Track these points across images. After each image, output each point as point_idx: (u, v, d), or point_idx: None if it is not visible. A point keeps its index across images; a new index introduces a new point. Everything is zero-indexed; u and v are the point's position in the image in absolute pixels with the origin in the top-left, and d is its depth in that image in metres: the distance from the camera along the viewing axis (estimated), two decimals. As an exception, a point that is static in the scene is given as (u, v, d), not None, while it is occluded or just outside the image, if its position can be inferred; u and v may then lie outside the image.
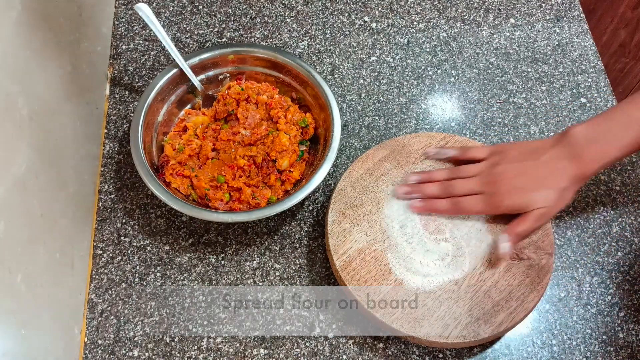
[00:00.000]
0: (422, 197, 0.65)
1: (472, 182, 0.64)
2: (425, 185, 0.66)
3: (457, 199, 0.64)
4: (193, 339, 0.64)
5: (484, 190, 0.63)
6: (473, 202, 0.63)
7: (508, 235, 0.61)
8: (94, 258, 0.68)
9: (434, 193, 0.65)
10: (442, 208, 0.64)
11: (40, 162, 0.57)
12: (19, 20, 0.55)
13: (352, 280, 0.61)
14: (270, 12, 0.87)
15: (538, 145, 0.63)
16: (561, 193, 0.60)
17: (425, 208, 0.65)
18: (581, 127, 0.60)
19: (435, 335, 0.59)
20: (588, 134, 0.60)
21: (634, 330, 0.65)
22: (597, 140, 0.59)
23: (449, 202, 0.64)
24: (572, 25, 0.87)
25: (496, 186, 0.62)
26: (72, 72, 0.68)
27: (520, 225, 0.61)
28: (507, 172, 0.62)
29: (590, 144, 0.59)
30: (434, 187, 0.66)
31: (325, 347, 0.63)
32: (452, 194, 0.64)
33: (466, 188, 0.64)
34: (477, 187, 0.63)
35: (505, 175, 0.62)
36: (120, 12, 0.86)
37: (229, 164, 0.68)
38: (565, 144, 0.60)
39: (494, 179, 0.62)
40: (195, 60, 0.74)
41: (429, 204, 0.65)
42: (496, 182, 0.62)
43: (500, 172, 0.62)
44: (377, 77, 0.82)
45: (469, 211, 0.64)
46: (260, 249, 0.69)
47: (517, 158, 0.62)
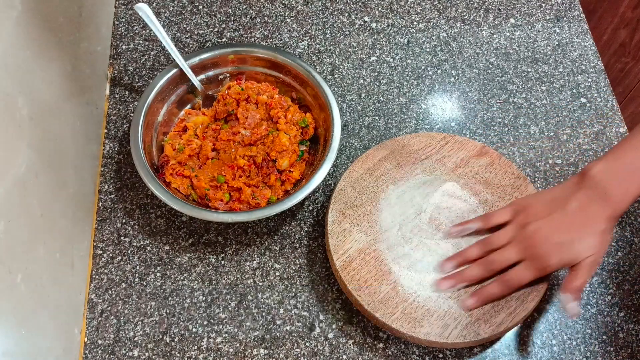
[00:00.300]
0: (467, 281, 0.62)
1: (510, 251, 0.60)
2: (466, 271, 0.62)
3: (506, 277, 0.60)
4: (193, 339, 0.64)
5: (525, 256, 0.59)
6: (521, 273, 0.59)
7: (570, 295, 0.57)
8: (94, 258, 0.68)
9: (478, 275, 0.61)
10: (496, 293, 0.60)
11: (40, 162, 0.57)
12: (19, 20, 0.55)
13: (352, 280, 0.61)
14: (270, 12, 0.87)
15: (560, 193, 0.60)
16: (602, 236, 0.57)
17: (482, 301, 0.60)
18: (600, 165, 0.58)
19: (435, 335, 0.59)
20: (610, 171, 0.57)
21: (634, 330, 0.65)
22: (620, 176, 0.57)
23: (500, 283, 0.60)
24: (572, 25, 0.87)
25: (536, 249, 0.59)
26: (72, 72, 0.68)
27: (576, 279, 0.57)
28: (541, 230, 0.59)
29: (615, 182, 0.57)
30: (475, 269, 0.62)
31: (325, 347, 0.63)
32: (494, 270, 0.61)
33: (506, 259, 0.60)
34: (516, 255, 0.60)
35: (541, 234, 0.59)
36: (120, 12, 0.86)
37: (229, 164, 0.69)
38: (589, 186, 0.58)
39: (531, 243, 0.59)
40: (195, 60, 0.74)
41: (482, 294, 0.60)
42: (534, 245, 0.59)
43: (534, 232, 0.59)
44: (377, 77, 0.82)
45: (521, 284, 0.60)
46: (260, 249, 0.69)
47: (543, 212, 0.60)
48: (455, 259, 0.63)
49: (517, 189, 0.68)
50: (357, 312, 0.65)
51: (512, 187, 0.68)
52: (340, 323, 0.65)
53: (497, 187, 0.68)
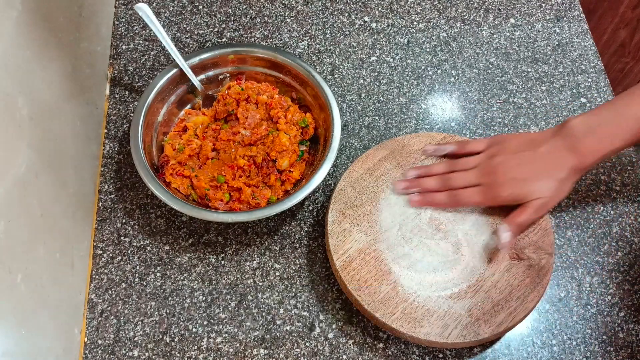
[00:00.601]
0: (421, 191, 0.65)
1: (471, 174, 0.64)
2: (424, 179, 0.66)
3: (456, 192, 0.64)
4: (193, 339, 0.64)
5: (483, 181, 0.63)
6: (471, 193, 0.63)
7: (508, 225, 0.61)
8: (94, 258, 0.68)
9: (433, 187, 0.65)
10: (440, 201, 0.64)
11: (40, 162, 0.57)
12: (19, 20, 0.55)
13: (352, 280, 0.61)
14: (270, 12, 0.87)
15: (537, 136, 0.63)
16: (560, 184, 0.60)
17: (424, 202, 0.65)
18: (580, 118, 0.60)
19: (435, 335, 0.59)
20: (586, 125, 0.60)
21: (634, 330, 0.65)
22: (595, 132, 0.59)
23: (448, 195, 0.64)
24: (572, 25, 0.87)
25: (494, 177, 0.62)
26: (72, 72, 0.68)
27: (520, 215, 0.61)
28: (505, 162, 0.62)
29: (589, 136, 0.59)
30: (432, 181, 0.66)
31: (325, 347, 0.63)
32: (451, 187, 0.64)
33: (465, 180, 0.64)
34: (475, 179, 0.63)
35: (504, 166, 0.62)
36: (120, 12, 0.86)
37: (229, 164, 0.69)
38: (564, 135, 0.60)
39: (492, 170, 0.62)
40: (195, 60, 0.74)
41: (428, 197, 0.65)
42: (494, 173, 0.62)
43: (498, 163, 0.62)
44: (377, 77, 0.82)
45: (468, 203, 0.64)
46: (260, 249, 0.69)
47: (515, 149, 0.62)
48: (419, 169, 0.68)
49: (517, 189, 0.68)
50: (357, 312, 0.65)
51: (512, 187, 0.68)
52: (340, 323, 0.65)
53: (497, 187, 0.68)
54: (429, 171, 0.67)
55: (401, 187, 0.66)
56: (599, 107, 0.61)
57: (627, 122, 0.58)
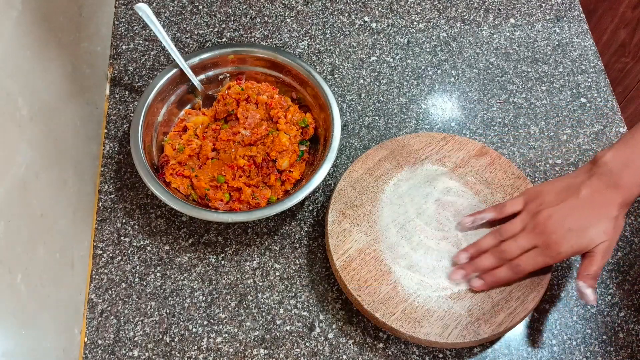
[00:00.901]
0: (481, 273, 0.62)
1: (523, 239, 0.60)
2: (478, 260, 0.62)
3: (516, 262, 0.60)
4: (193, 339, 0.64)
5: (537, 243, 0.60)
6: (532, 258, 0.60)
7: (584, 282, 0.58)
8: (94, 258, 0.68)
9: (492, 264, 0.62)
10: (504, 277, 0.61)
11: (40, 162, 0.57)
12: (19, 20, 0.55)
13: (352, 280, 0.61)
14: (270, 12, 0.87)
15: (571, 181, 0.60)
16: (615, 222, 0.58)
17: (489, 283, 0.61)
18: (611, 152, 0.59)
19: (435, 335, 0.59)
20: (620, 159, 0.58)
21: (634, 330, 0.65)
22: (632, 164, 0.57)
23: (509, 268, 0.61)
24: (572, 25, 0.87)
25: (548, 235, 0.59)
26: (72, 72, 0.68)
27: (591, 266, 0.58)
28: (553, 217, 0.59)
29: (626, 169, 0.57)
30: (488, 258, 0.62)
31: (325, 347, 0.63)
32: (507, 259, 0.61)
33: (519, 247, 0.60)
34: (528, 243, 0.60)
35: (554, 221, 0.59)
36: (120, 12, 0.86)
37: (229, 164, 0.69)
38: (600, 174, 0.58)
39: (543, 229, 0.59)
40: (195, 60, 0.74)
41: (490, 278, 0.61)
42: (546, 232, 0.59)
43: (546, 219, 0.59)
44: (377, 77, 0.82)
45: (532, 269, 0.60)
46: (260, 249, 0.69)
47: (556, 200, 0.60)
48: (469, 249, 0.64)
49: (517, 189, 0.68)
50: (357, 312, 0.65)
51: (512, 187, 0.68)
52: (340, 323, 0.65)
53: (497, 187, 0.68)
54: (480, 249, 0.63)
55: (460, 275, 0.62)
56: (625, 136, 0.59)
57: None
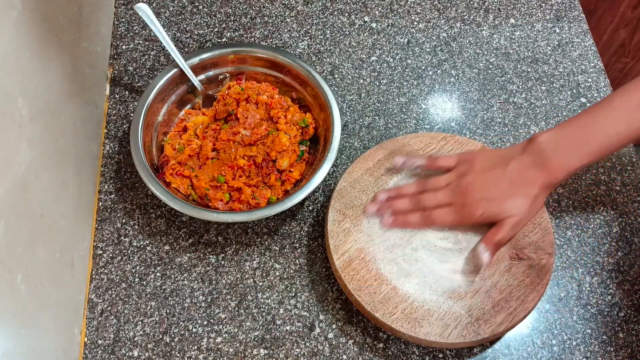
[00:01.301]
0: (393, 213, 0.65)
1: (442, 195, 0.63)
2: (395, 201, 0.65)
3: (428, 213, 0.63)
4: (193, 339, 0.64)
5: (454, 201, 0.62)
6: (444, 214, 0.63)
7: (486, 245, 0.61)
8: (94, 258, 0.68)
9: (405, 208, 0.65)
10: (413, 222, 0.64)
11: (40, 162, 0.57)
12: (19, 20, 0.55)
13: (352, 280, 0.61)
14: (270, 12, 0.87)
15: (505, 153, 0.62)
16: (532, 200, 0.60)
17: (397, 223, 0.64)
18: (547, 134, 0.60)
19: (435, 335, 0.59)
20: (553, 142, 0.59)
21: (634, 330, 0.65)
22: (563, 148, 0.59)
23: (420, 216, 0.64)
24: (572, 25, 0.87)
25: (466, 197, 0.62)
26: (72, 72, 0.68)
27: (496, 234, 0.61)
28: (475, 182, 0.62)
29: (557, 153, 0.59)
30: (404, 202, 0.65)
31: (325, 347, 0.63)
32: (422, 208, 0.64)
33: (436, 200, 0.63)
34: (447, 199, 0.63)
35: (474, 186, 0.62)
36: (120, 12, 0.86)
37: (229, 164, 0.69)
38: (531, 152, 0.60)
39: (463, 190, 0.62)
40: (195, 60, 0.74)
41: (400, 219, 0.64)
42: (465, 193, 0.62)
43: (469, 183, 0.62)
44: (377, 77, 0.82)
45: (441, 223, 0.63)
46: (260, 249, 0.69)
47: (485, 167, 0.62)
48: (390, 191, 0.67)
49: (517, 189, 0.68)
50: (357, 312, 0.65)
51: (512, 187, 0.68)
52: (340, 323, 0.65)
53: (497, 187, 0.68)
54: (400, 192, 0.66)
55: (372, 210, 0.65)
56: (566, 121, 0.60)
57: (595, 138, 0.58)
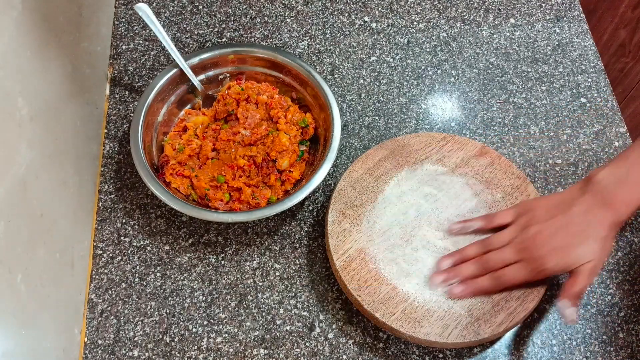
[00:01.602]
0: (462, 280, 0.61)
1: (508, 252, 0.60)
2: (461, 267, 0.62)
3: (499, 274, 0.60)
4: (193, 339, 0.64)
5: (522, 257, 0.59)
6: (515, 272, 0.59)
7: (568, 300, 0.57)
8: (94, 258, 0.68)
9: (473, 273, 0.61)
10: (485, 287, 0.60)
11: (40, 162, 0.57)
12: (19, 20, 0.55)
13: (352, 280, 0.61)
14: (270, 12, 0.87)
15: (564, 197, 0.60)
16: (603, 242, 0.57)
17: (469, 292, 0.61)
18: (605, 171, 0.58)
19: (435, 335, 0.59)
20: (615, 177, 0.58)
21: (634, 330, 0.65)
22: (626, 182, 0.57)
23: (491, 279, 0.60)
24: (572, 25, 0.87)
25: (534, 250, 0.59)
26: (72, 72, 0.68)
27: (575, 285, 0.57)
28: (541, 232, 0.59)
29: (620, 188, 0.57)
30: (470, 267, 0.61)
31: (325, 347, 0.63)
32: (490, 269, 0.61)
33: (503, 259, 0.60)
34: (514, 256, 0.60)
35: (541, 237, 0.58)
36: (120, 12, 0.86)
37: (229, 164, 0.69)
38: (593, 191, 0.58)
39: (530, 244, 0.59)
40: (195, 60, 0.74)
41: (470, 286, 0.61)
42: (533, 246, 0.59)
43: (534, 234, 0.59)
44: (377, 77, 0.82)
45: (514, 282, 0.60)
46: (260, 249, 0.69)
47: (546, 216, 0.60)
48: (453, 256, 0.63)
49: (517, 189, 0.68)
50: (357, 312, 0.65)
51: (512, 187, 0.68)
52: (340, 323, 0.65)
53: (497, 187, 0.68)
54: (464, 256, 0.63)
55: (439, 280, 0.61)
56: (619, 156, 0.59)
57: None
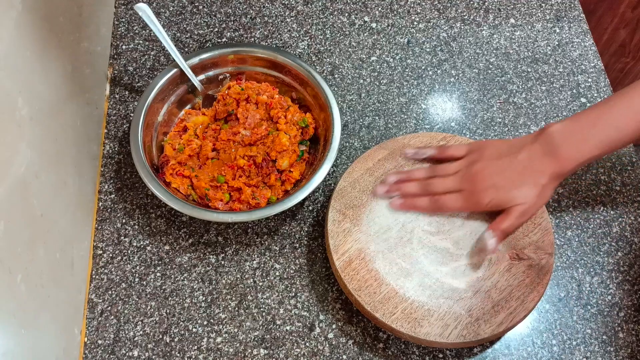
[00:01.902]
0: (402, 196, 0.66)
1: (451, 180, 0.64)
2: (404, 184, 0.66)
3: (437, 197, 0.64)
4: (193, 339, 0.64)
5: (463, 187, 0.63)
6: (453, 199, 0.64)
7: (493, 231, 0.62)
8: (94, 258, 0.68)
9: (414, 191, 0.66)
10: (421, 205, 0.65)
11: (40, 162, 0.57)
12: (19, 20, 0.55)
13: (352, 280, 0.61)
14: (270, 12, 0.87)
15: (516, 142, 0.63)
16: (541, 189, 0.60)
17: (405, 205, 0.65)
18: (558, 125, 0.61)
19: (435, 335, 0.59)
20: (565, 132, 0.60)
21: (634, 330, 0.65)
22: (574, 139, 0.59)
23: (429, 200, 0.64)
24: (572, 25, 0.87)
25: (475, 184, 0.62)
26: (72, 72, 0.68)
27: (503, 221, 0.61)
28: (485, 169, 0.62)
29: (566, 143, 0.59)
30: (413, 186, 0.66)
31: (325, 347, 0.63)
32: (431, 192, 0.65)
33: (445, 186, 0.64)
34: (456, 185, 0.64)
35: (484, 173, 0.62)
36: (120, 12, 0.86)
37: (229, 164, 0.69)
38: (542, 141, 0.61)
39: (472, 177, 0.63)
40: (195, 60, 0.74)
41: (409, 201, 0.65)
42: (474, 180, 0.62)
43: (478, 170, 0.63)
44: (377, 77, 0.82)
45: (449, 208, 0.64)
46: (260, 249, 0.69)
47: (495, 155, 0.63)
48: (400, 174, 0.67)
49: (517, 189, 0.68)
50: (357, 312, 0.65)
51: (512, 187, 0.68)
52: (340, 323, 0.65)
53: (497, 187, 0.68)
54: (410, 176, 0.67)
55: (381, 191, 0.66)
56: (579, 113, 0.61)
57: (605, 131, 0.58)
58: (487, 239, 0.62)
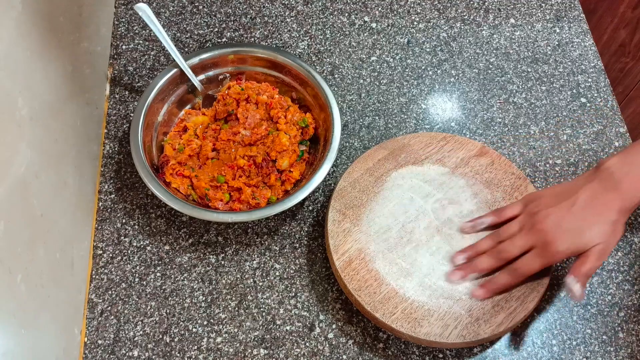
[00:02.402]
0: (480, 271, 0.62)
1: (520, 239, 0.60)
2: (476, 261, 0.62)
3: (514, 266, 0.60)
4: (193, 339, 0.64)
5: (534, 242, 0.59)
6: (529, 261, 0.59)
7: (575, 277, 0.58)
8: (94, 258, 0.68)
9: (490, 265, 0.62)
10: (504, 282, 0.61)
11: (40, 162, 0.57)
12: (19, 20, 0.55)
13: (352, 280, 0.61)
14: (270, 12, 0.87)
15: (571, 185, 0.61)
16: (613, 226, 0.58)
17: (490, 290, 0.61)
18: (614, 159, 0.59)
19: (435, 335, 0.59)
20: (622, 165, 0.58)
21: (634, 330, 0.65)
22: (633, 170, 0.58)
23: (508, 273, 0.60)
24: (572, 25, 0.87)
25: (545, 234, 0.59)
26: (72, 72, 0.68)
27: (584, 264, 0.57)
28: (549, 217, 0.59)
29: (627, 176, 0.58)
30: (484, 259, 0.62)
31: (325, 347, 0.63)
32: (504, 259, 0.61)
33: (516, 247, 0.60)
34: (527, 242, 0.60)
35: (550, 221, 0.59)
36: (120, 12, 0.86)
37: (229, 164, 0.69)
38: (601, 178, 0.59)
39: (539, 229, 0.59)
40: (195, 60, 0.74)
41: (491, 285, 0.61)
42: (544, 230, 0.59)
43: (543, 219, 0.59)
44: (377, 77, 0.82)
45: (530, 272, 0.60)
46: (260, 249, 0.69)
47: (553, 202, 0.60)
48: (467, 251, 0.64)
49: (517, 189, 0.68)
50: (357, 312, 0.65)
51: (512, 187, 0.68)
52: (340, 323, 0.65)
53: (497, 187, 0.68)
54: (477, 250, 0.63)
55: (458, 277, 0.62)
56: (630, 145, 0.60)
57: None
58: (571, 286, 0.57)
